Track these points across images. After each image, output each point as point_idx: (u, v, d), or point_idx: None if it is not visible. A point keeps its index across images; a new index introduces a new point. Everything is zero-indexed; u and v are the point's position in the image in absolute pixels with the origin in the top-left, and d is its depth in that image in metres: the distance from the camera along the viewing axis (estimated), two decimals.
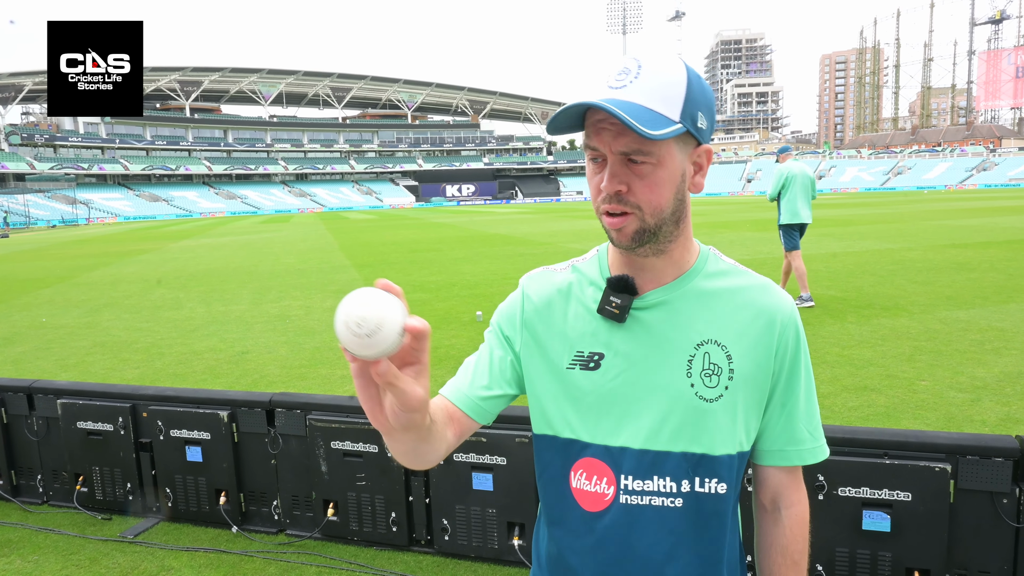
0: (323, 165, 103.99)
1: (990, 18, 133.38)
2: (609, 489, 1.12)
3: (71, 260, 22.06)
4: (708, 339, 1.12)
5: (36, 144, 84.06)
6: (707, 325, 1.12)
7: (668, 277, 1.15)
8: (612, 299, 1.12)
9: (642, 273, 1.15)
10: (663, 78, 1.02)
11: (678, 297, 1.14)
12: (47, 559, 3.49)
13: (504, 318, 1.23)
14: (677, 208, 1.10)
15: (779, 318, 1.14)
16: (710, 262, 1.18)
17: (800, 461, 1.19)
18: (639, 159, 1.03)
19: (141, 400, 3.92)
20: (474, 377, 1.20)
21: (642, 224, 1.07)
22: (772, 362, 1.13)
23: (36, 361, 7.79)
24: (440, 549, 3.41)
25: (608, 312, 1.13)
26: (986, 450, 2.63)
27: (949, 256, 13.72)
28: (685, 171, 1.09)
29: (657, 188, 1.05)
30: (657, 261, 1.14)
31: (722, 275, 1.17)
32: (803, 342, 1.17)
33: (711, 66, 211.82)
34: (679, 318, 1.13)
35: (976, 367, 5.99)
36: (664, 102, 1.01)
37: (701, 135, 1.07)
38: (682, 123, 1.03)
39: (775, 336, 1.13)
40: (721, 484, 1.12)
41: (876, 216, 29.13)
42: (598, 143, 1.04)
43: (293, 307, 10.77)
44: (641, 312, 1.13)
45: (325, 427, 3.50)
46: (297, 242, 26.57)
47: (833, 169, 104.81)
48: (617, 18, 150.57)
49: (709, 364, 1.11)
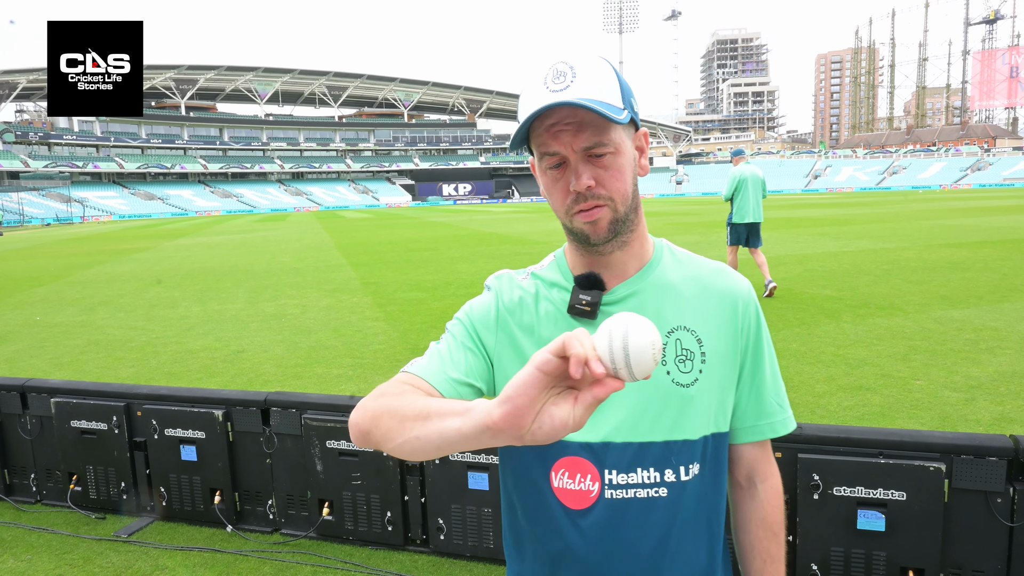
0: (319, 164, 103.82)
1: (984, 18, 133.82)
2: (594, 485, 1.12)
3: (66, 258, 21.98)
4: (678, 326, 1.15)
5: (30, 142, 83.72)
6: (675, 313, 1.16)
7: (631, 270, 1.18)
8: (582, 297, 1.14)
9: (606, 270, 1.17)
10: (598, 74, 1.07)
11: (644, 288, 1.17)
12: (40, 558, 3.48)
13: (477, 318, 1.20)
14: (635, 194, 1.15)
15: (740, 298, 1.20)
16: (666, 252, 1.23)
17: (772, 434, 1.22)
18: (600, 151, 1.07)
19: (135, 399, 3.90)
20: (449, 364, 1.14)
21: (614, 214, 1.11)
22: (739, 341, 1.18)
23: (30, 360, 7.76)
24: (436, 548, 3.41)
25: (579, 311, 1.13)
26: (980, 449, 2.63)
27: (944, 256, 13.76)
28: (634, 155, 1.15)
29: (621, 175, 1.10)
30: (621, 255, 1.16)
31: (680, 264, 1.22)
32: (763, 318, 1.22)
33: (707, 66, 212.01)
34: (648, 309, 1.15)
35: (971, 366, 6.00)
36: (608, 93, 1.06)
37: (637, 119, 1.14)
38: (627, 110, 1.09)
39: (738, 316, 1.18)
40: (696, 465, 1.14)
41: (871, 216, 29.21)
42: (558, 147, 1.07)
43: (289, 306, 10.75)
44: (610, 307, 1.15)
45: (320, 426, 3.49)
46: (293, 241, 26.53)
47: (828, 169, 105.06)
48: (613, 17, 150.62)
49: (682, 350, 1.14)
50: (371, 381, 6.38)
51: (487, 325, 1.19)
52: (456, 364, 1.13)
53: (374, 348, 7.67)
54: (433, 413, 0.87)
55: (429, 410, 0.88)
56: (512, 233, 25.84)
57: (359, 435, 0.99)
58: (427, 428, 0.87)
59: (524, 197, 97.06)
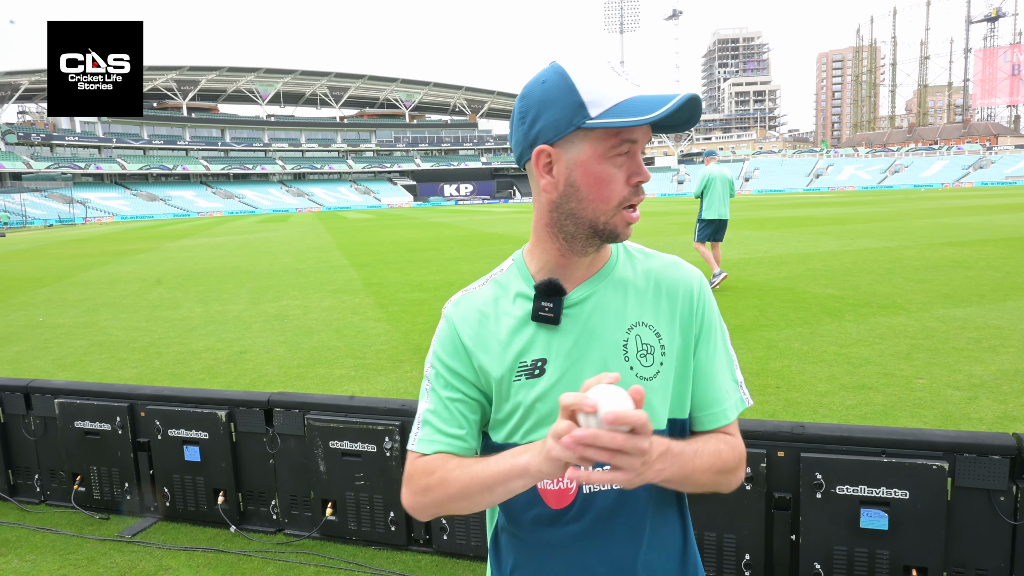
0: (321, 164, 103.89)
1: (986, 16, 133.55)
2: (572, 484, 1.15)
3: (68, 259, 22.02)
4: (637, 322, 1.18)
5: (33, 143, 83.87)
6: (633, 309, 1.18)
7: (593, 270, 1.20)
8: (544, 304, 1.15)
9: (566, 272, 1.18)
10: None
11: (602, 288, 1.18)
12: (44, 559, 3.49)
13: (447, 353, 1.20)
14: None
15: (692, 289, 1.21)
16: (621, 250, 1.24)
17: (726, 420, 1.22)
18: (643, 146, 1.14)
19: (139, 400, 3.91)
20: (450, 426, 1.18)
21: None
22: (692, 330, 1.20)
23: (33, 360, 7.77)
24: (439, 548, 3.41)
25: (543, 318, 1.15)
26: (983, 448, 2.63)
27: (946, 254, 13.75)
28: None
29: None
30: (596, 255, 1.19)
31: (634, 260, 1.24)
32: (712, 303, 1.24)
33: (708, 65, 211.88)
34: (607, 307, 1.17)
35: (973, 365, 6.00)
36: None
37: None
38: None
39: (691, 306, 1.20)
40: None
41: (873, 214, 29.17)
42: (639, 133, 1.08)
43: (291, 307, 10.76)
44: (571, 309, 1.17)
45: (323, 427, 3.50)
46: (295, 241, 26.55)
47: (830, 167, 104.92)
48: (614, 17, 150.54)
49: (642, 345, 1.17)
50: (373, 381, 6.39)
51: (458, 357, 1.19)
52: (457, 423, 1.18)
53: (376, 349, 7.68)
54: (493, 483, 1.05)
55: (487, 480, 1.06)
56: (513, 233, 25.84)
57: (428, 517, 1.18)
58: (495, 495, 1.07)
59: (526, 197, 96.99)
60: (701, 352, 1.21)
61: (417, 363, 6.98)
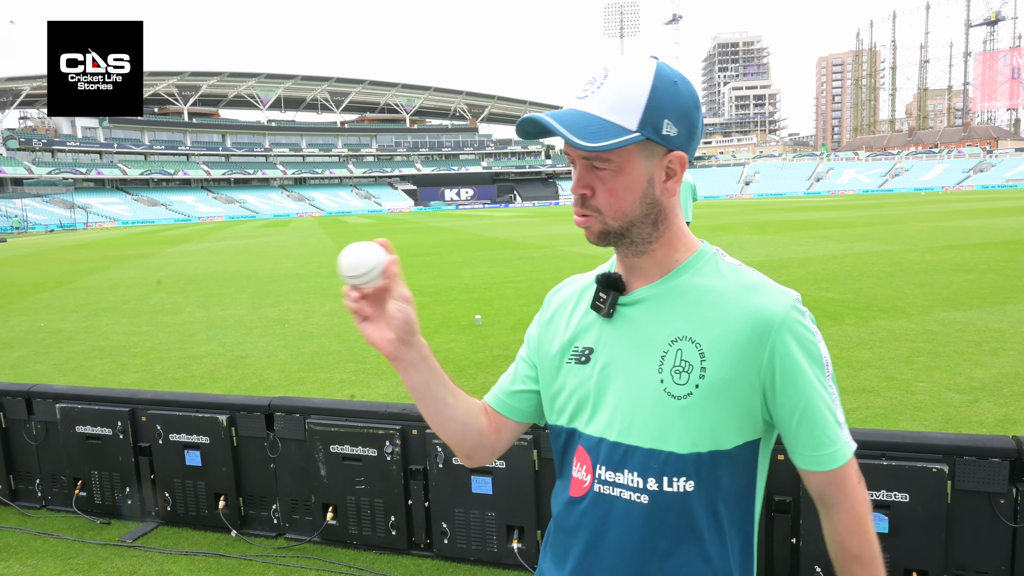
0: (321, 169, 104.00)
1: (985, 20, 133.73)
2: (587, 477, 1.17)
3: (69, 264, 22.04)
4: (683, 336, 1.11)
5: (34, 148, 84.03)
6: (684, 322, 1.12)
7: (654, 275, 1.18)
8: (600, 295, 1.18)
9: (632, 272, 1.19)
10: (626, 87, 1.05)
11: (661, 293, 1.16)
12: (46, 563, 3.49)
13: (533, 327, 1.35)
14: (649, 212, 1.12)
15: (767, 322, 1.08)
16: (705, 261, 1.17)
17: (819, 466, 1.13)
18: (600, 165, 1.09)
19: (140, 404, 3.92)
20: (503, 380, 1.36)
21: (604, 227, 1.13)
22: (759, 366, 1.09)
23: (34, 365, 7.78)
24: (439, 553, 3.41)
25: (597, 308, 1.19)
26: (983, 451, 2.64)
27: (947, 257, 13.75)
28: (652, 177, 1.10)
29: (617, 194, 1.10)
30: (640, 261, 1.18)
31: (715, 275, 1.15)
32: (801, 342, 1.09)
33: (708, 69, 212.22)
34: (659, 314, 1.15)
35: (974, 368, 6.00)
36: (619, 112, 1.05)
37: (668, 142, 1.08)
38: (640, 132, 1.05)
39: (760, 340, 1.08)
40: (689, 482, 1.10)
41: (874, 218, 29.18)
42: (567, 149, 1.11)
43: (292, 311, 10.77)
44: (626, 308, 1.18)
45: (324, 431, 3.50)
46: (296, 246, 26.57)
47: (831, 171, 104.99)
48: (614, 22, 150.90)
49: (680, 361, 1.10)
50: (374, 386, 6.39)
51: (538, 329, 1.34)
52: (507, 377, 1.36)
53: (377, 353, 7.62)
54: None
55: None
56: (514, 238, 25.86)
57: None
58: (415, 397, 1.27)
59: (526, 201, 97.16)
60: (783, 396, 1.10)
61: None
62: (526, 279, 13.45)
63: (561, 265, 15.45)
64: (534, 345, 1.31)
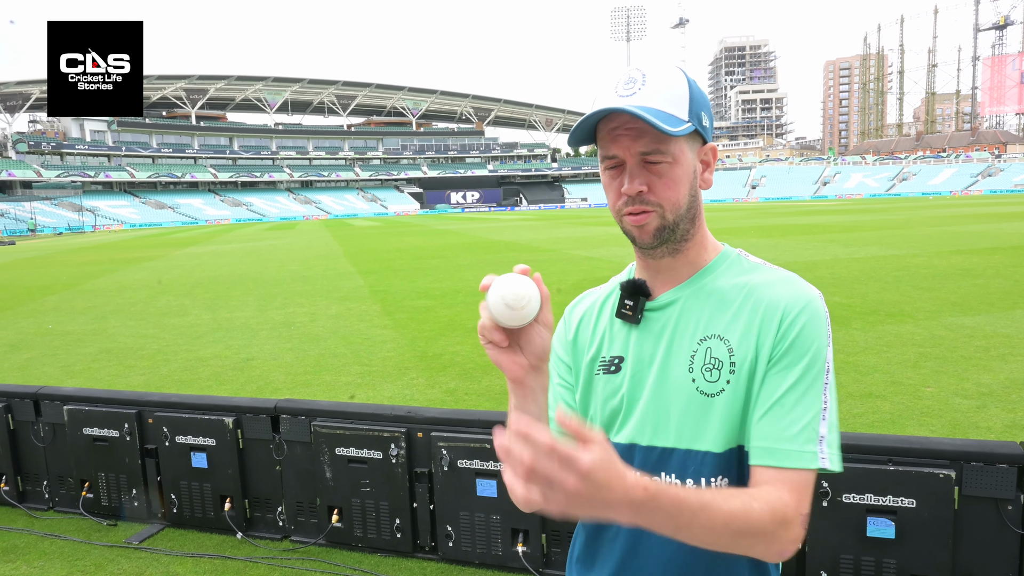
0: (328, 172, 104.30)
1: (994, 24, 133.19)
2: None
3: (77, 267, 22.16)
4: (712, 334, 1.12)
5: (43, 152, 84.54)
6: (713, 320, 1.13)
7: (683, 277, 1.18)
8: (626, 302, 1.19)
9: (658, 276, 1.19)
10: (668, 83, 1.10)
11: (689, 295, 1.17)
12: (53, 565, 3.51)
13: (558, 345, 1.31)
14: (692, 204, 1.15)
15: (785, 308, 1.08)
16: (730, 261, 1.20)
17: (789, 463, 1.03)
18: (657, 159, 1.09)
19: (147, 406, 3.93)
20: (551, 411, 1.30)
21: (662, 221, 1.12)
22: (767, 349, 1.08)
23: (42, 367, 7.82)
24: (444, 556, 3.41)
25: (623, 315, 1.19)
26: (990, 456, 2.62)
27: (954, 262, 13.69)
28: (696, 168, 1.16)
29: (675, 185, 1.11)
30: (673, 262, 1.18)
31: (741, 272, 1.17)
32: (813, 331, 1.07)
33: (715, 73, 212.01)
34: (687, 315, 1.16)
35: (982, 373, 5.97)
36: (673, 104, 1.09)
37: (706, 133, 1.15)
38: (691, 122, 1.10)
39: (776, 325, 1.08)
40: (724, 480, 1.11)
41: (881, 222, 29.08)
42: (617, 150, 1.10)
43: (298, 314, 10.79)
44: (654, 312, 1.18)
45: (330, 433, 3.51)
46: (302, 249, 26.65)
47: (838, 175, 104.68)
48: (621, 26, 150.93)
49: (710, 359, 1.11)
50: (380, 388, 6.40)
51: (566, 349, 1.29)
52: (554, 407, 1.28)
53: (383, 356, 7.70)
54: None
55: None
56: (520, 241, 25.87)
57: None
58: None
59: (532, 205, 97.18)
60: (773, 376, 1.06)
61: (423, 370, 6.99)
62: None
63: (567, 268, 15.45)
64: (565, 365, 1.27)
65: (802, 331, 1.07)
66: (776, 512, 0.99)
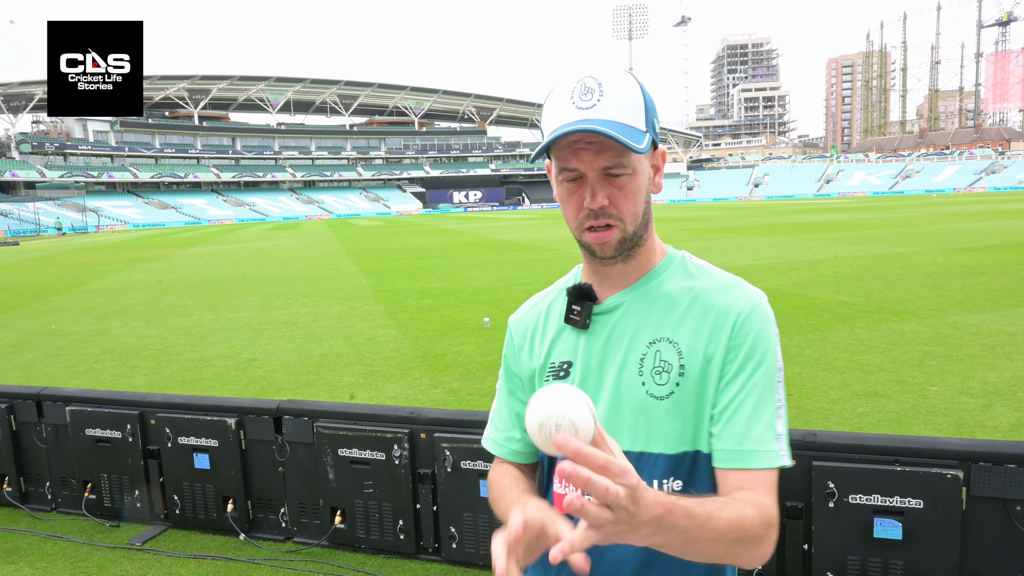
0: (331, 172, 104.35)
1: (997, 20, 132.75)
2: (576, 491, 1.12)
3: (80, 267, 22.19)
4: (660, 337, 1.14)
5: (46, 152, 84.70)
6: (661, 324, 1.15)
7: (631, 280, 1.19)
8: (573, 307, 1.19)
9: (607, 281, 1.20)
10: (624, 92, 1.07)
11: (636, 298, 1.18)
12: (55, 566, 3.50)
13: (507, 358, 1.33)
14: (646, 211, 1.15)
15: (733, 312, 1.11)
16: (676, 264, 1.21)
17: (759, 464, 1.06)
18: (618, 172, 1.08)
19: (149, 407, 3.92)
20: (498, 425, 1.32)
21: (623, 234, 1.13)
22: (719, 354, 1.10)
23: (45, 368, 7.82)
24: (448, 557, 3.40)
25: (571, 320, 1.19)
26: (999, 456, 2.60)
27: (959, 260, 13.64)
28: (650, 175, 1.16)
29: (635, 197, 1.11)
30: (625, 267, 1.18)
31: (687, 276, 1.19)
32: (763, 334, 1.10)
33: (717, 71, 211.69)
34: (635, 318, 1.16)
35: (988, 372, 5.93)
36: (631, 115, 1.07)
37: (656, 139, 1.15)
38: (648, 132, 1.09)
39: (726, 329, 1.11)
40: (676, 482, 1.12)
41: (884, 220, 29.00)
42: (578, 163, 1.08)
43: (301, 314, 10.79)
44: (602, 316, 1.18)
45: (332, 434, 3.50)
46: (305, 249, 26.66)
47: (841, 173, 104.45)
48: (623, 24, 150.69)
49: (659, 362, 1.13)
50: (383, 389, 6.39)
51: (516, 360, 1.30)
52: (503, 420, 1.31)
53: (385, 356, 7.69)
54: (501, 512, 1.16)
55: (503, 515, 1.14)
56: (522, 240, 25.85)
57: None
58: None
59: (534, 204, 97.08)
60: (731, 380, 1.09)
61: (426, 370, 6.99)
62: (535, 281, 13.43)
63: (569, 267, 15.33)
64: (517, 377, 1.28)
65: (754, 335, 1.10)
66: (764, 515, 1.01)
